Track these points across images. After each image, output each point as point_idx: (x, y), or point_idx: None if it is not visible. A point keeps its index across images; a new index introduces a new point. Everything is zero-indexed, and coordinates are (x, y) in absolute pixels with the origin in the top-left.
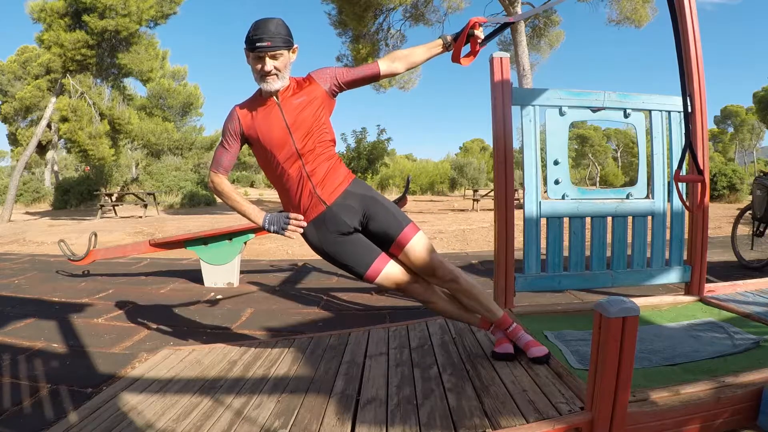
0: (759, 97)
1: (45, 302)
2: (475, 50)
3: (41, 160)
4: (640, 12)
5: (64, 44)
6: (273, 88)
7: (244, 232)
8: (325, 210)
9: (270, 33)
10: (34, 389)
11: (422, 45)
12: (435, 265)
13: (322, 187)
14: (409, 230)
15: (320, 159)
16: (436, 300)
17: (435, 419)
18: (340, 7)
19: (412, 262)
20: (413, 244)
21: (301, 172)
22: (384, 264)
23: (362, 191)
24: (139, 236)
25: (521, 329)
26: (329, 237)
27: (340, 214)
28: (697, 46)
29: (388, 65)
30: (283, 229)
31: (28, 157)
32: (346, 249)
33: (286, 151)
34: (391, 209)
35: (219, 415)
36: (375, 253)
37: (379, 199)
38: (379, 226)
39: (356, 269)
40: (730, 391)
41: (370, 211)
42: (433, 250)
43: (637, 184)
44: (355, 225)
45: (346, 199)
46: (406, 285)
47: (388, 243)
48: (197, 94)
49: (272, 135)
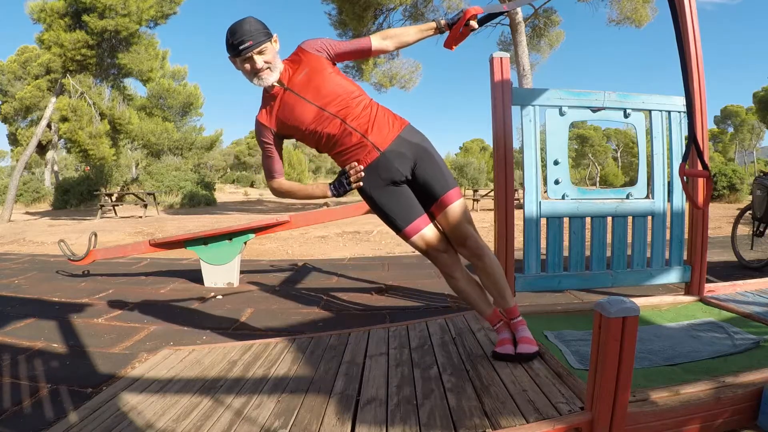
0: (759, 97)
1: (45, 302)
2: (465, 35)
3: (41, 160)
4: (641, 12)
5: (64, 44)
6: (270, 81)
7: (244, 232)
8: (378, 156)
9: (248, 32)
10: (34, 389)
11: (415, 26)
12: (467, 235)
13: (373, 134)
14: (454, 192)
15: (357, 110)
16: (458, 277)
17: (435, 419)
18: (339, 7)
19: (449, 224)
20: (454, 206)
21: (346, 129)
22: (424, 225)
23: (417, 140)
24: (139, 236)
25: (524, 323)
26: (380, 184)
27: (393, 161)
28: (697, 46)
29: (380, 42)
30: (348, 185)
31: (28, 157)
32: (393, 200)
33: (324, 121)
34: (441, 166)
35: (219, 415)
36: (418, 212)
37: (431, 152)
38: (427, 179)
39: (397, 222)
40: (730, 391)
41: (422, 162)
42: (471, 220)
43: (637, 184)
44: (407, 173)
45: (399, 146)
46: (436, 252)
47: (431, 199)
48: (197, 94)
49: (303, 118)
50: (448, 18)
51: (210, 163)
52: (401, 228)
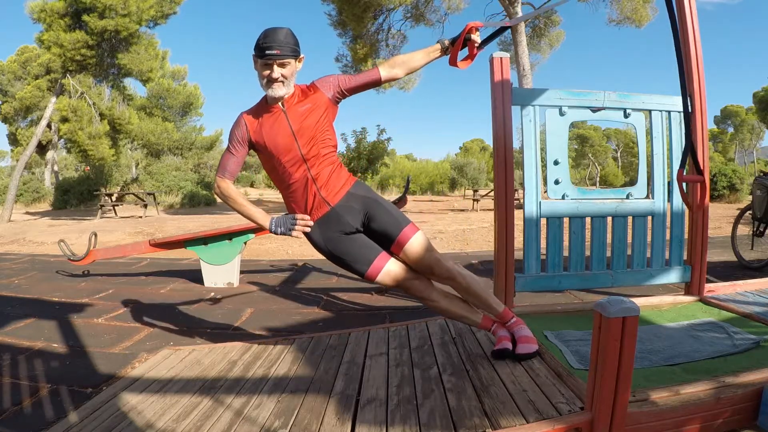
0: (759, 97)
1: (45, 302)
2: (472, 54)
3: (41, 160)
4: (641, 12)
5: (64, 44)
6: (278, 95)
7: (244, 232)
8: (329, 210)
9: (279, 42)
10: (34, 389)
11: (421, 50)
12: (432, 264)
13: (327, 189)
14: (408, 230)
15: (324, 163)
16: (436, 298)
17: (435, 419)
18: (339, 7)
19: (411, 260)
20: (412, 242)
21: (306, 176)
22: (384, 262)
23: (364, 193)
24: (139, 236)
25: (522, 323)
26: (332, 236)
27: (344, 214)
28: (697, 46)
29: (388, 71)
30: (290, 230)
31: (28, 157)
32: (348, 247)
33: (292, 156)
34: (390, 210)
35: (219, 415)
36: (376, 251)
37: (379, 201)
38: (380, 225)
39: (358, 267)
40: (730, 391)
41: (371, 212)
42: (432, 248)
43: (637, 184)
44: (357, 225)
45: (348, 200)
46: (406, 282)
47: (389, 242)
48: (197, 94)
49: (278, 141)
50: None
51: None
52: (364, 271)
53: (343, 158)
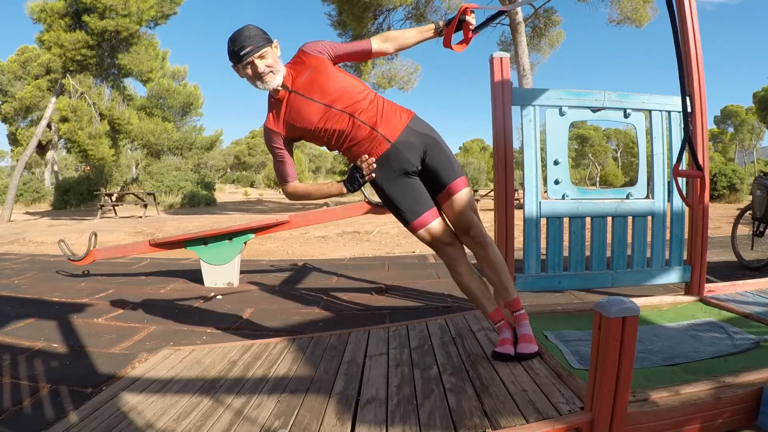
0: (759, 97)
1: (45, 302)
2: (467, 37)
3: (41, 160)
4: (641, 12)
5: (64, 44)
6: (274, 84)
7: (244, 232)
8: (389, 148)
9: (248, 38)
10: (34, 389)
11: (414, 28)
12: (471, 223)
13: (383, 126)
14: (460, 181)
15: (364, 104)
16: (462, 272)
17: (435, 419)
18: (339, 7)
19: (455, 212)
20: (461, 195)
21: (356, 123)
22: (432, 219)
23: (424, 130)
24: (139, 236)
25: (526, 318)
26: (390, 174)
27: (404, 151)
28: (697, 46)
29: (379, 45)
30: (362, 178)
31: (28, 157)
32: (403, 192)
33: (333, 118)
34: (449, 155)
35: (219, 415)
36: (428, 205)
37: (439, 141)
38: (436, 167)
39: (406, 214)
40: (730, 391)
41: (430, 150)
42: (476, 209)
43: (637, 184)
44: (417, 164)
45: (408, 136)
46: (441, 245)
47: (439, 187)
48: (197, 94)
49: (311, 118)
50: (446, 19)
51: (210, 163)
52: (409, 221)
53: (343, 158)
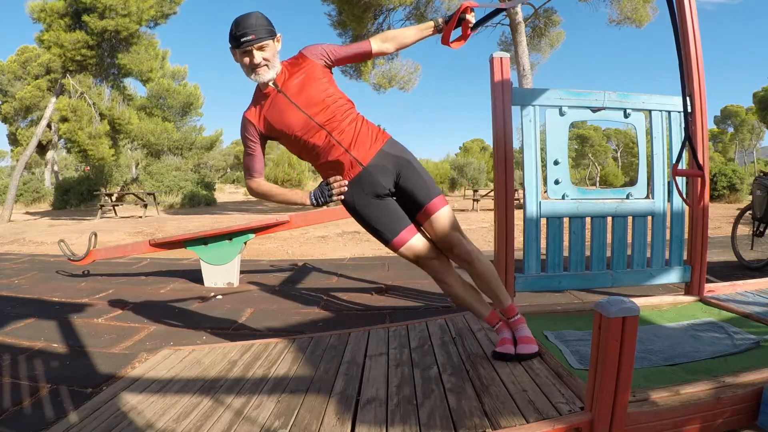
0: (759, 97)
1: (45, 302)
2: (465, 34)
3: (41, 160)
4: (641, 12)
5: (64, 44)
6: (266, 78)
7: (244, 232)
8: (361, 171)
9: (252, 26)
10: (34, 389)
11: (414, 26)
12: (454, 242)
13: (356, 149)
14: (438, 200)
15: (344, 124)
16: (451, 282)
17: (435, 419)
18: (339, 7)
19: (436, 232)
20: (440, 214)
21: (330, 141)
22: (411, 235)
23: (397, 152)
24: (139, 236)
25: (524, 321)
26: (364, 199)
27: (376, 175)
28: (697, 46)
29: (379, 45)
30: (330, 197)
31: (28, 157)
32: (378, 212)
33: (309, 129)
34: (424, 176)
35: (219, 415)
36: (404, 222)
37: (413, 163)
38: (410, 188)
39: (384, 235)
40: (730, 391)
41: (404, 172)
42: (457, 226)
43: (637, 184)
44: (390, 186)
45: (381, 160)
46: (426, 260)
47: (416, 209)
48: (197, 94)
49: (289, 121)
50: (445, 16)
51: (210, 163)
52: (389, 240)
53: None
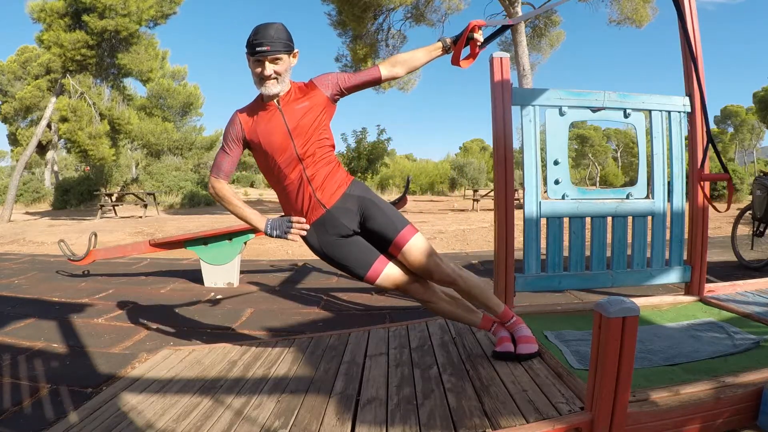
0: (759, 97)
1: (45, 302)
2: (474, 53)
3: (41, 160)
4: (641, 12)
5: (64, 44)
6: (272, 92)
7: (244, 232)
8: (324, 213)
9: (270, 38)
10: (34, 389)
11: (422, 48)
12: (432, 268)
13: (322, 191)
14: (406, 232)
15: (320, 164)
16: (435, 300)
17: (435, 419)
18: (339, 7)
19: (410, 263)
20: (410, 246)
21: (301, 176)
22: (383, 265)
23: (359, 193)
24: (139, 236)
25: (522, 322)
26: (329, 239)
27: (340, 217)
28: (697, 46)
29: (389, 70)
30: (285, 233)
31: (28, 157)
32: (346, 251)
33: (287, 155)
34: (387, 211)
35: (219, 415)
36: (374, 254)
37: (376, 201)
38: (376, 227)
39: (356, 271)
40: (730, 391)
41: (367, 212)
42: (432, 252)
43: (637, 184)
44: (354, 227)
45: (345, 202)
46: (405, 286)
47: (386, 244)
48: (197, 94)
49: (273, 140)
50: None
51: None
52: (362, 275)
53: (343, 158)
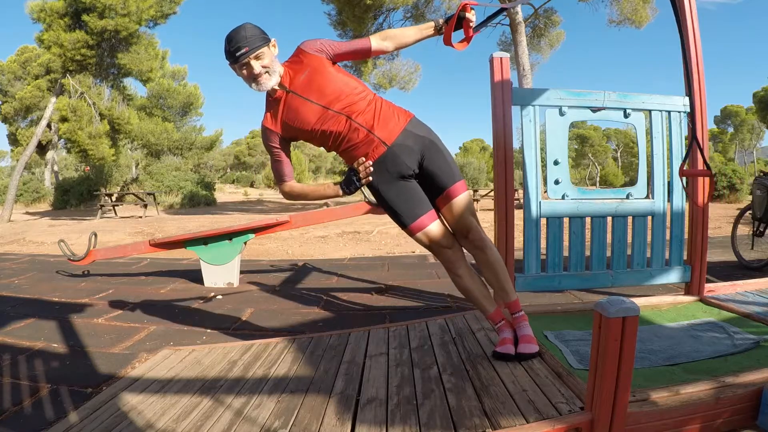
0: (759, 97)
1: (45, 302)
2: (468, 35)
3: (41, 160)
4: (641, 12)
5: (63, 44)
6: (269, 85)
7: (244, 232)
8: (386, 151)
9: (244, 39)
10: (34, 389)
11: (414, 26)
12: (470, 227)
13: (380, 129)
14: (459, 185)
15: (362, 105)
16: (462, 274)
17: (435, 419)
18: (339, 7)
19: (453, 216)
20: (460, 199)
21: (352, 126)
22: (429, 221)
23: (422, 132)
24: (139, 236)
25: (526, 319)
26: (387, 178)
27: (401, 155)
28: (697, 46)
29: (379, 43)
30: (358, 181)
31: (28, 157)
32: (401, 195)
33: (330, 120)
34: (448, 158)
35: (219, 415)
36: (425, 207)
37: (438, 144)
38: (434, 170)
39: (403, 218)
40: (730, 391)
41: (428, 154)
42: (474, 212)
43: (637, 184)
44: (414, 167)
45: (406, 139)
46: (440, 248)
47: (438, 191)
48: (197, 94)
49: (308, 119)
50: (445, 17)
51: (210, 163)
52: (407, 224)
53: None
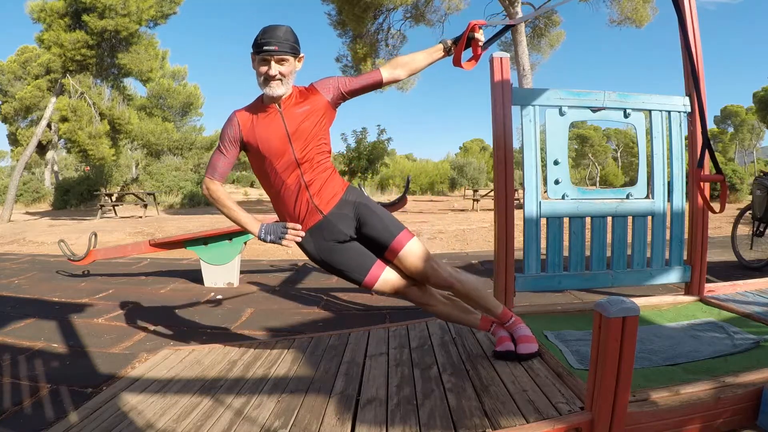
0: (759, 97)
1: (45, 302)
2: (476, 54)
3: (41, 160)
4: (641, 12)
5: (64, 44)
6: (276, 93)
7: (244, 232)
8: (321, 219)
9: (278, 38)
10: (34, 389)
11: (423, 51)
12: (428, 273)
13: (319, 197)
14: (402, 237)
15: (318, 169)
16: (434, 303)
17: (435, 419)
18: (339, 7)
19: (407, 268)
20: (406, 251)
21: (299, 181)
22: (381, 270)
23: (355, 198)
24: (139, 236)
25: (521, 322)
26: (326, 245)
27: (337, 223)
28: (697, 46)
29: (390, 72)
30: (280, 239)
31: (28, 157)
32: (343, 257)
33: (285, 159)
34: (383, 216)
35: (219, 415)
36: (371, 259)
37: (371, 207)
38: (373, 232)
39: (354, 276)
40: (730, 391)
41: (363, 217)
42: (428, 257)
43: (637, 184)
44: (350, 233)
45: (341, 208)
46: (403, 290)
47: (382, 249)
48: (197, 94)
49: (272, 143)
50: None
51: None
52: (360, 280)
53: (343, 158)
